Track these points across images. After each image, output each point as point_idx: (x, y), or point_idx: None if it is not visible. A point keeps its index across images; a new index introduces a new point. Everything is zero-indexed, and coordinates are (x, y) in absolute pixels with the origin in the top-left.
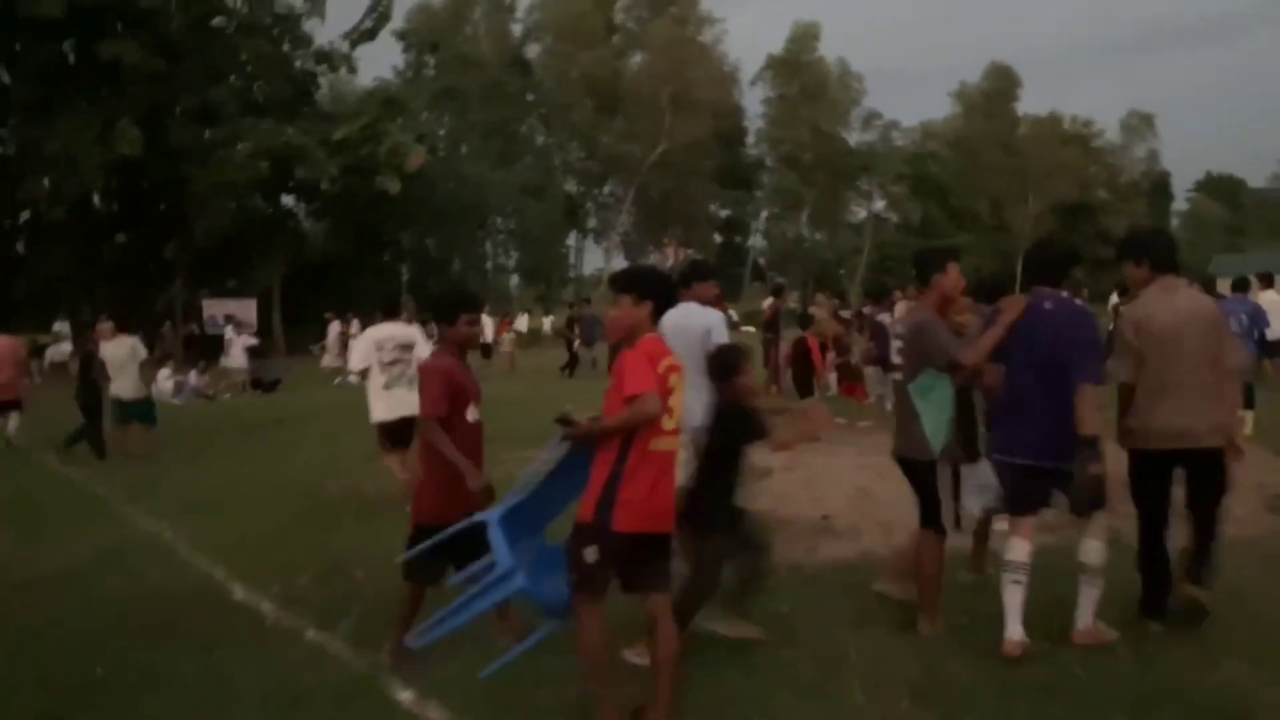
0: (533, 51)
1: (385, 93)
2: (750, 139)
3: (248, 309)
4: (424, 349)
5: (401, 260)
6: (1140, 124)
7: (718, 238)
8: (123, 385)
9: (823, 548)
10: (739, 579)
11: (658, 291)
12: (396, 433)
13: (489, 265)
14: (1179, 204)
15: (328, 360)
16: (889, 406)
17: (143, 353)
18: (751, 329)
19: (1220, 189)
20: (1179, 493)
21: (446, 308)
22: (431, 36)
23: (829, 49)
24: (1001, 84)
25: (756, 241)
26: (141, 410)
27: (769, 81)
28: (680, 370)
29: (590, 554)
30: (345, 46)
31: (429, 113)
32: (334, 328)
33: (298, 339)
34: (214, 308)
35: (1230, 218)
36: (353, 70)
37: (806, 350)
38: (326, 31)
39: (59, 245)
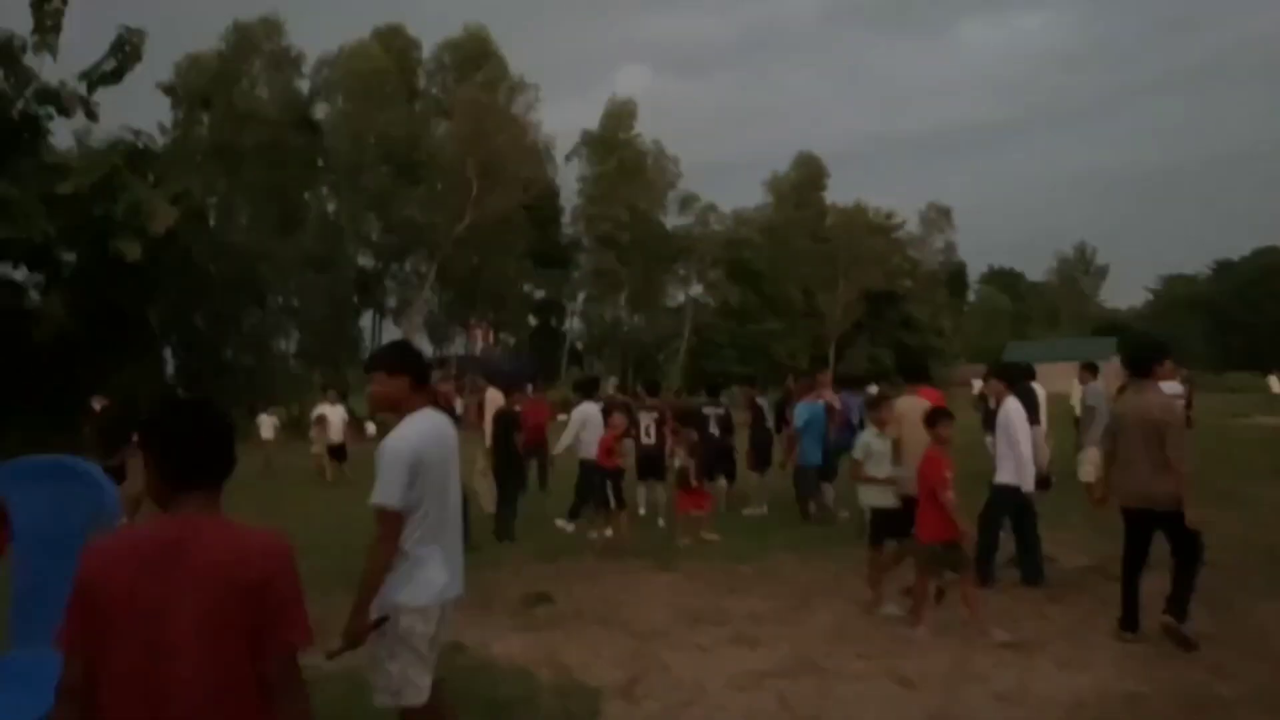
0: (322, 112)
1: (129, 144)
2: (566, 218)
3: None
4: None
5: (160, 341)
6: (938, 216)
7: (533, 320)
8: None
9: None
10: None
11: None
12: None
13: (277, 348)
14: (969, 295)
15: None
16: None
17: None
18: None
19: (1003, 281)
20: None
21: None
22: (203, 91)
23: (644, 132)
24: (809, 174)
25: (573, 324)
26: None
27: (584, 158)
28: None
29: None
30: (81, 88)
31: (198, 174)
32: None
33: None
34: None
35: (1015, 308)
36: (92, 116)
37: None
38: (63, 71)
39: None
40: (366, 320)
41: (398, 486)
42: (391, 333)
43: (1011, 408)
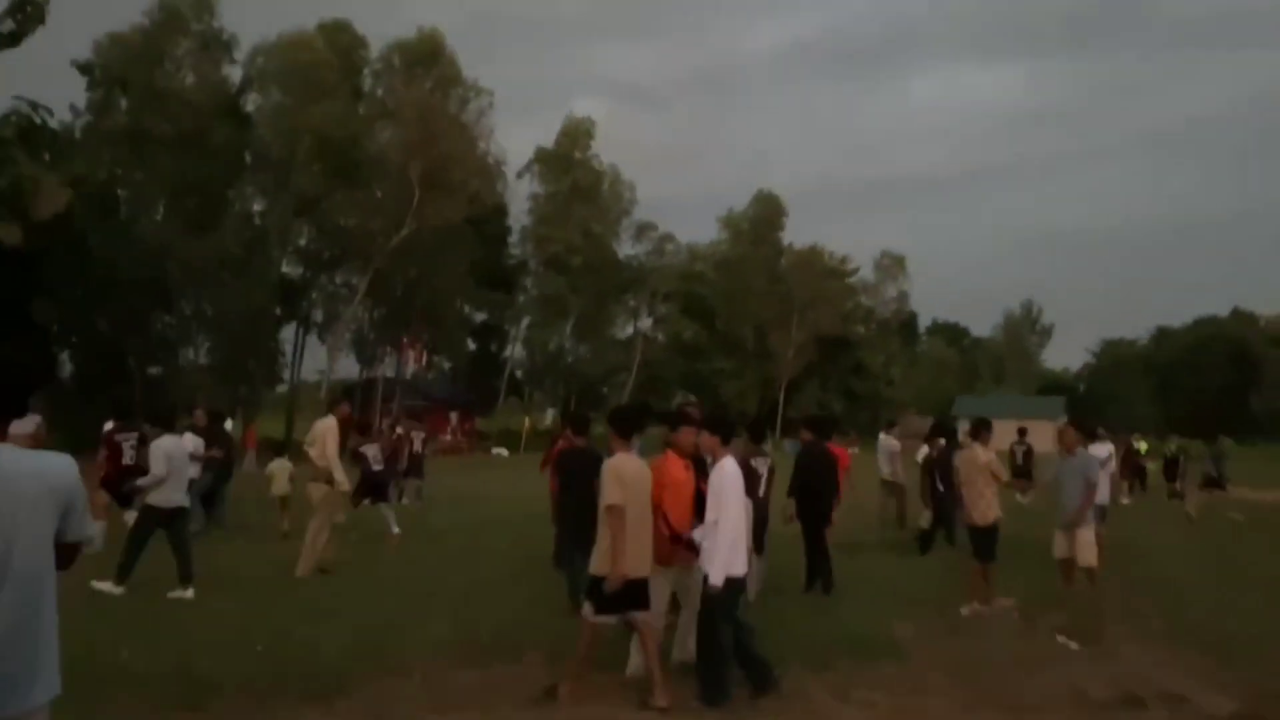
0: (252, 104)
1: (24, 117)
2: (513, 238)
3: None
4: None
5: (54, 341)
6: (892, 264)
7: (472, 344)
8: None
9: None
10: None
11: None
12: None
13: (186, 357)
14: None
15: None
16: None
17: None
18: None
19: (949, 334)
20: None
21: None
22: (123, 71)
23: (602, 156)
24: (767, 212)
25: (515, 351)
26: None
27: (537, 176)
28: None
29: None
30: None
31: (107, 160)
32: None
33: None
34: None
35: (960, 361)
36: None
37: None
38: None
39: None
40: (290, 333)
41: None
42: (314, 348)
43: (727, 470)
